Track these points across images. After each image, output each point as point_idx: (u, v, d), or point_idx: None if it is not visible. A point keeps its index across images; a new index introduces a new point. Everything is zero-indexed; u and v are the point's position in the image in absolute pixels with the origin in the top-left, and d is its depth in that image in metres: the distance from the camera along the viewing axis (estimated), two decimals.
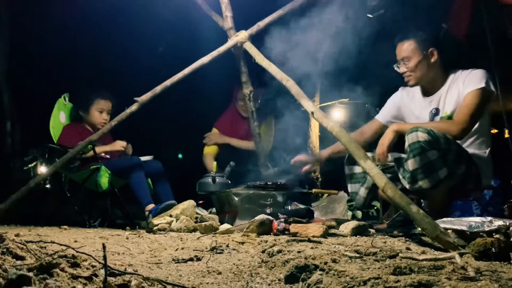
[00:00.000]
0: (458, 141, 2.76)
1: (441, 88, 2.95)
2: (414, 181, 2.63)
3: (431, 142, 2.57)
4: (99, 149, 3.85)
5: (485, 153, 2.88)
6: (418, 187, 2.64)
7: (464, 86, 2.83)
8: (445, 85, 2.94)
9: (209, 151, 4.35)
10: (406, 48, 2.95)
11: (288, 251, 1.92)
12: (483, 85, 2.77)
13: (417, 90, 3.08)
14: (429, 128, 2.61)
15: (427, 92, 3.02)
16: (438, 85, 2.96)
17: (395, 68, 3.03)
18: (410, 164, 2.62)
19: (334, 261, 1.63)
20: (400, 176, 2.83)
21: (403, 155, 2.88)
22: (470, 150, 2.83)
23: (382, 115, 3.25)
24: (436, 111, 2.95)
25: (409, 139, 2.62)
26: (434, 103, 2.97)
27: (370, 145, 3.13)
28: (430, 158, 2.58)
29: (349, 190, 3.21)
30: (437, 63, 2.94)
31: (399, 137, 2.81)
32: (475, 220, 2.11)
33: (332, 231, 2.60)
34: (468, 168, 2.75)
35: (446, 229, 2.06)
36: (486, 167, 2.87)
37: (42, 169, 4.06)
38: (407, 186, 2.69)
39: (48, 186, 4.28)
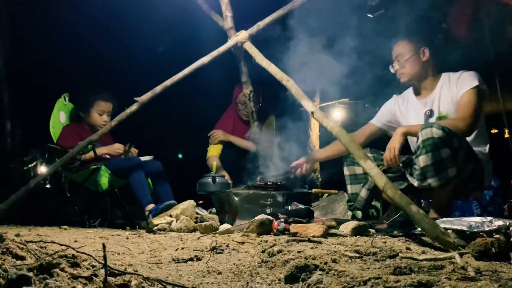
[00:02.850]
0: None
1: (434, 90, 3.02)
2: (424, 178, 2.63)
3: (444, 140, 2.58)
4: (98, 150, 3.85)
5: (485, 149, 2.92)
6: (427, 185, 2.64)
7: (458, 87, 2.90)
8: (437, 87, 3.01)
9: (213, 152, 4.33)
10: (400, 46, 3.08)
11: (288, 251, 1.92)
12: (476, 83, 2.84)
13: (411, 94, 3.16)
14: (443, 125, 2.63)
15: (421, 95, 3.09)
16: (431, 87, 3.04)
17: (390, 69, 3.12)
18: (422, 161, 2.61)
19: (334, 261, 1.63)
20: (408, 175, 2.83)
21: (409, 156, 2.90)
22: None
23: (377, 119, 3.32)
24: (431, 113, 3.01)
25: (422, 135, 2.62)
26: (428, 105, 3.03)
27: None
28: (442, 156, 2.59)
29: (349, 191, 3.20)
30: (428, 62, 3.03)
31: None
32: (475, 220, 2.11)
33: (332, 231, 2.60)
34: (474, 167, 2.77)
35: (446, 229, 2.06)
36: (487, 165, 2.89)
37: (42, 169, 4.06)
38: (416, 184, 2.69)
39: (48, 186, 4.28)
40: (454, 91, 2.91)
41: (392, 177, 2.86)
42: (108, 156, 3.98)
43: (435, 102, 2.99)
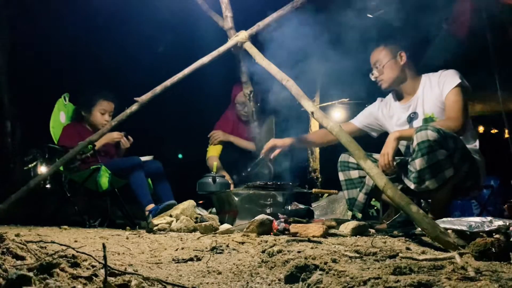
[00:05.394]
0: None
1: (415, 92, 3.03)
2: (421, 181, 2.62)
3: (440, 141, 2.57)
4: (97, 143, 3.80)
5: (475, 146, 2.92)
6: (425, 188, 2.63)
7: (441, 86, 2.90)
8: (419, 89, 3.02)
9: (213, 153, 4.33)
10: (377, 53, 3.10)
11: (288, 251, 1.92)
12: (459, 80, 2.86)
13: (392, 99, 3.17)
14: (437, 126, 2.62)
15: (403, 98, 3.10)
16: (412, 90, 3.04)
17: (370, 77, 3.13)
18: (418, 164, 2.60)
19: (334, 261, 1.63)
20: (404, 178, 2.82)
21: (404, 158, 2.89)
22: None
23: (358, 120, 3.33)
24: (415, 115, 3.01)
25: (418, 138, 2.60)
26: (412, 108, 3.03)
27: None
28: (438, 157, 2.58)
29: (346, 196, 3.16)
30: (407, 66, 3.04)
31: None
32: (475, 220, 2.11)
33: (332, 231, 2.60)
34: (470, 165, 2.77)
35: (446, 229, 2.06)
36: (481, 161, 2.89)
37: (42, 169, 4.06)
38: (412, 187, 2.68)
39: (48, 186, 4.27)
40: (437, 91, 2.91)
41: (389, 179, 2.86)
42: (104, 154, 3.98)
43: (419, 104, 2.99)
